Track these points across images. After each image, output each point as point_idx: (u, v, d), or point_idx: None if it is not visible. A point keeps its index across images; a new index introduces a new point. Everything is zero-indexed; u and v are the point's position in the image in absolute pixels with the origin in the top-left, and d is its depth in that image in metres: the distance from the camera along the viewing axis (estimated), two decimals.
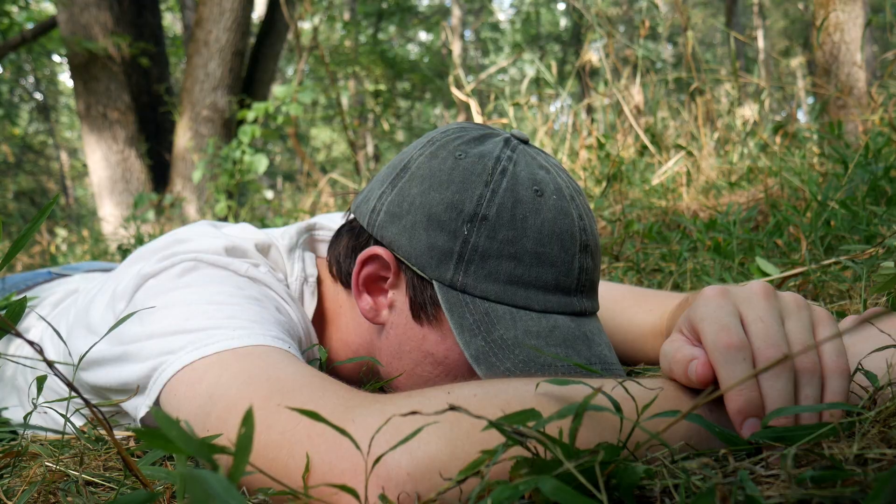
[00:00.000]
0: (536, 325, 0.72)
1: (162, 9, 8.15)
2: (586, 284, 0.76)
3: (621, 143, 3.18)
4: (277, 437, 0.56)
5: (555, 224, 0.74)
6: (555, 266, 0.74)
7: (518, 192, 0.74)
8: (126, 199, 5.50)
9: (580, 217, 0.77)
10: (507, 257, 0.73)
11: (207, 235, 0.85)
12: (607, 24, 3.41)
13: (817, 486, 0.43)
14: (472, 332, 0.72)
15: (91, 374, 0.80)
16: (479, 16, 21.77)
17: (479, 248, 0.73)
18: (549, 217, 0.74)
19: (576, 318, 0.75)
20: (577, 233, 0.76)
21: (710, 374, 0.57)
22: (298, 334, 0.85)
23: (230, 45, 5.37)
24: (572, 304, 0.75)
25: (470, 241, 0.73)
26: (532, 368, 0.69)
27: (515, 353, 0.70)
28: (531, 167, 0.77)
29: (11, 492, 0.67)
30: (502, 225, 0.73)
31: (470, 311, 0.73)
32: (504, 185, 0.75)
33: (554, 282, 0.74)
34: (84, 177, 17.09)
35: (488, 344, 0.71)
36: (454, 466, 0.49)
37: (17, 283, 1.34)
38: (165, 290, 0.77)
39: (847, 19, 2.51)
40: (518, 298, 0.73)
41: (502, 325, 0.72)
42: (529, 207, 0.74)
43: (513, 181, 0.75)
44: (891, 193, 1.45)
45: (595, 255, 0.78)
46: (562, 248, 0.74)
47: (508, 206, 0.74)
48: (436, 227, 0.74)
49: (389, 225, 0.78)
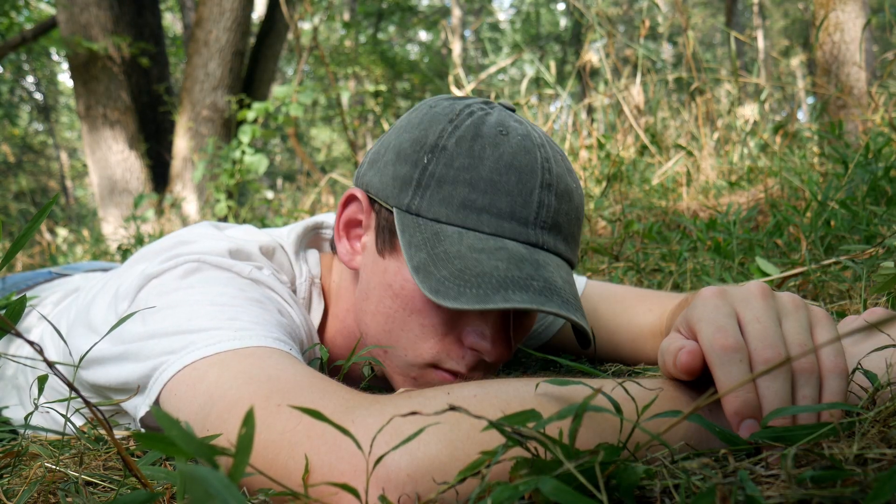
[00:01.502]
0: (482, 244, 0.73)
1: (162, 9, 8.15)
2: (547, 221, 0.76)
3: (621, 143, 3.18)
4: (277, 438, 0.56)
5: (514, 158, 0.75)
6: (510, 195, 0.74)
7: (481, 129, 0.77)
8: (126, 199, 5.50)
9: (546, 160, 0.77)
10: (462, 183, 0.75)
11: (211, 237, 0.85)
12: (607, 24, 3.41)
13: (817, 486, 0.43)
14: (417, 247, 0.74)
15: (91, 372, 0.80)
16: (479, 16, 21.77)
17: (436, 174, 0.76)
18: (509, 151, 0.76)
19: (530, 247, 0.75)
20: (539, 170, 0.76)
21: (693, 363, 0.57)
22: (300, 336, 0.85)
23: (230, 45, 5.37)
24: (527, 234, 0.75)
25: (428, 169, 0.76)
26: (467, 276, 0.69)
27: (454, 264, 0.71)
28: (503, 116, 0.80)
29: (11, 492, 0.67)
30: (460, 154, 0.76)
31: (420, 230, 0.75)
32: (468, 122, 0.78)
33: (509, 210, 0.74)
34: (84, 177, 17.09)
35: (430, 256, 0.72)
36: (454, 467, 0.49)
37: (18, 282, 1.34)
38: (168, 291, 0.77)
39: (847, 19, 2.51)
40: (469, 221, 0.74)
41: (449, 241, 0.73)
42: (490, 141, 0.76)
43: (478, 121, 0.78)
44: (891, 193, 1.45)
45: (562, 199, 0.77)
46: (519, 180, 0.75)
47: (468, 137, 0.77)
48: (402, 161, 0.79)
49: (368, 170, 0.84)
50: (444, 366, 0.79)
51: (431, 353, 0.78)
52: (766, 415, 0.53)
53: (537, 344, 1.09)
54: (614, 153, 2.92)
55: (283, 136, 13.07)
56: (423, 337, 0.78)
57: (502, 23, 23.18)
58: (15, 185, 13.59)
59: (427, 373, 0.80)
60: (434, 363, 0.79)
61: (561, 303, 0.70)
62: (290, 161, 17.67)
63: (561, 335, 1.07)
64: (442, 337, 0.77)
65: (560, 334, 1.07)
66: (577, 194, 0.81)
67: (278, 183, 16.45)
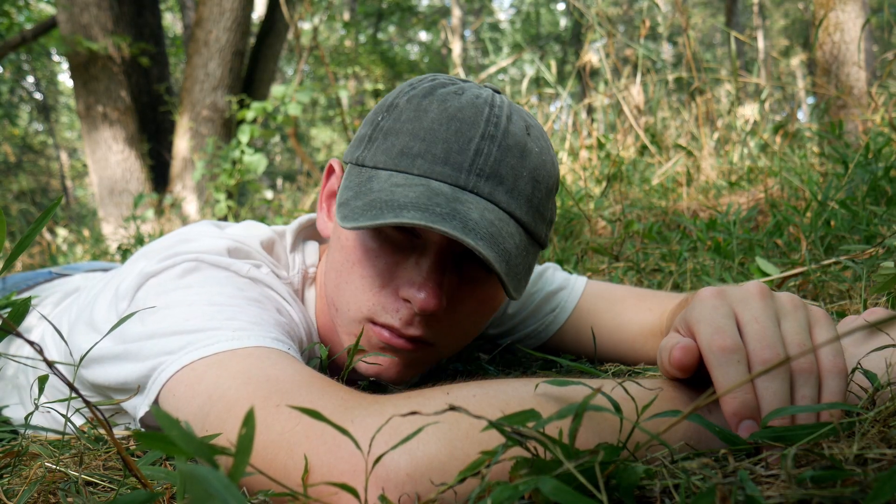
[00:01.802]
0: (406, 181, 0.73)
1: (162, 9, 8.15)
2: (485, 169, 0.74)
3: (621, 143, 3.18)
4: (276, 438, 0.56)
5: (459, 111, 0.76)
6: (447, 142, 0.75)
7: (436, 90, 0.79)
8: (126, 199, 5.50)
9: (496, 117, 0.77)
10: (405, 133, 0.76)
11: (211, 236, 0.85)
12: (607, 24, 3.41)
13: (817, 486, 0.43)
14: (348, 188, 0.77)
15: (91, 371, 0.80)
16: (479, 16, 21.77)
17: (384, 128, 0.79)
18: (456, 106, 0.77)
19: (456, 188, 0.74)
20: (483, 123, 0.76)
21: (685, 360, 0.57)
22: (299, 335, 0.85)
23: (230, 45, 5.37)
24: (458, 177, 0.74)
25: (379, 125, 0.80)
26: (377, 204, 0.70)
27: (371, 196, 0.72)
28: (472, 86, 0.81)
29: (11, 492, 0.67)
30: (408, 109, 0.78)
31: (357, 176, 0.78)
32: (426, 85, 0.80)
33: (443, 155, 0.74)
34: (84, 177, 17.09)
35: (355, 194, 0.74)
36: (453, 467, 0.49)
37: (18, 282, 1.34)
38: (166, 290, 0.77)
39: (847, 19, 2.51)
40: (402, 165, 0.75)
41: (376, 181, 0.75)
42: (440, 98, 0.78)
43: (438, 85, 0.80)
44: (891, 193, 1.45)
45: (509, 152, 0.76)
46: (458, 130, 0.75)
47: (419, 96, 0.79)
48: (366, 123, 0.83)
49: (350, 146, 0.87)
50: (379, 320, 0.78)
51: (368, 305, 0.78)
52: (764, 415, 0.53)
53: (537, 343, 1.09)
54: (614, 153, 2.92)
55: (283, 136, 13.07)
56: (363, 289, 0.79)
57: (502, 23, 23.17)
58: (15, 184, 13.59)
59: (366, 329, 0.80)
60: (370, 317, 0.79)
61: (462, 228, 0.68)
62: (290, 161, 17.67)
63: (561, 335, 1.07)
64: (379, 290, 0.78)
65: (560, 334, 1.07)
66: (539, 159, 0.78)
67: (278, 183, 16.45)
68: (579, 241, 2.14)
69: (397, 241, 0.78)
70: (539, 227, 0.80)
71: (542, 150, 0.80)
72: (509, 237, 0.73)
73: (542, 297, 1.07)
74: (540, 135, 0.81)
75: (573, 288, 1.07)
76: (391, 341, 0.78)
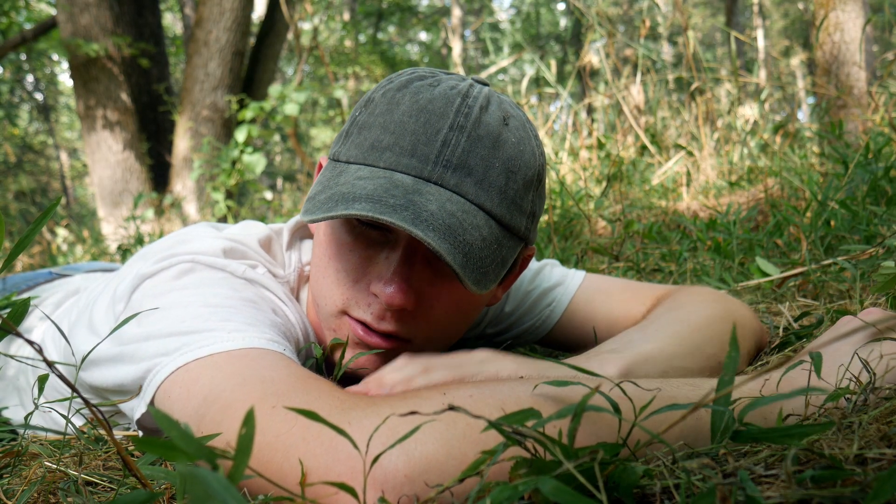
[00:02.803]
0: (370, 174, 0.73)
1: (162, 9, 8.15)
2: (451, 160, 0.73)
3: (621, 143, 3.18)
4: (272, 441, 0.55)
5: (429, 103, 0.76)
6: (415, 135, 0.75)
7: (411, 83, 0.79)
8: (126, 199, 5.49)
9: (468, 107, 0.75)
10: (377, 127, 0.77)
11: (207, 237, 0.85)
12: (607, 24, 3.41)
13: (817, 486, 0.43)
14: (319, 183, 0.77)
15: (88, 373, 0.80)
16: (479, 16, 21.76)
17: (360, 122, 0.79)
18: (427, 97, 0.76)
19: (420, 181, 0.73)
20: (453, 114, 0.75)
21: None
22: (295, 335, 0.85)
23: (230, 45, 5.37)
24: (423, 169, 0.73)
25: (356, 119, 0.80)
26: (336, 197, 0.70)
27: (334, 189, 0.72)
28: (457, 81, 0.80)
29: (11, 492, 0.67)
30: (382, 103, 0.78)
31: (331, 171, 0.78)
32: (403, 78, 0.80)
33: (411, 147, 0.74)
34: (84, 177, 17.09)
35: (322, 188, 0.75)
36: (451, 467, 0.49)
37: (18, 283, 1.34)
38: (162, 292, 0.77)
39: (847, 19, 2.51)
40: (370, 159, 0.75)
41: (344, 175, 0.75)
42: (413, 91, 0.77)
43: (414, 78, 0.80)
44: (891, 193, 1.45)
45: (480, 142, 0.75)
46: (427, 121, 0.75)
47: (394, 89, 0.79)
48: (349, 119, 0.83)
49: None
50: (352, 313, 0.79)
51: (342, 299, 0.79)
52: None
53: (535, 339, 1.09)
54: (614, 153, 2.92)
55: (283, 136, 13.06)
56: (337, 283, 0.79)
57: (502, 23, 23.16)
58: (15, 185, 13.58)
59: (342, 322, 0.81)
60: (344, 310, 0.80)
61: (412, 220, 0.67)
62: (290, 161, 17.66)
63: (558, 330, 1.07)
64: (353, 284, 0.78)
65: (557, 329, 1.07)
66: (516, 150, 0.77)
67: (278, 183, 16.45)
68: (579, 241, 2.14)
69: (371, 236, 0.78)
70: (517, 220, 0.78)
71: (520, 140, 0.78)
72: (473, 229, 0.72)
73: (538, 293, 1.06)
74: (521, 126, 0.79)
75: (569, 283, 1.07)
76: (365, 339, 0.79)
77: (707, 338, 0.82)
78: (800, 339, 0.96)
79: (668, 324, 0.83)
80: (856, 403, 0.59)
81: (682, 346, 0.79)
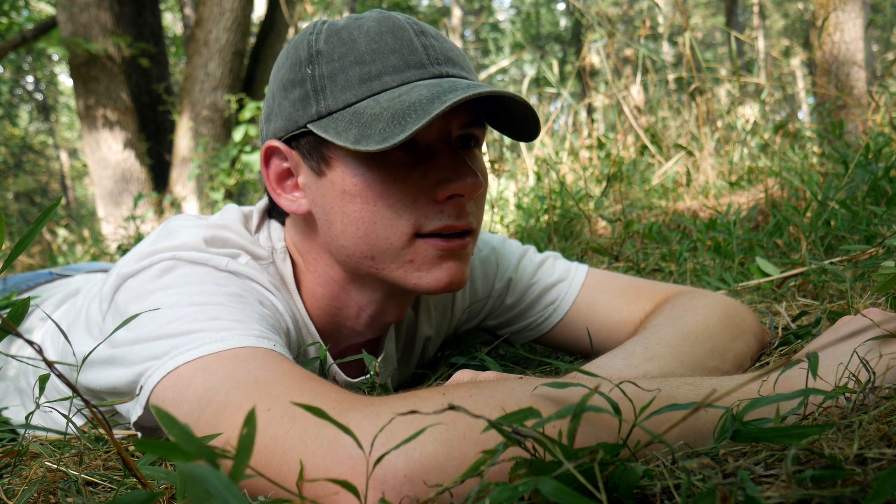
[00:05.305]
0: (396, 93, 0.75)
1: (162, 9, 8.15)
2: (440, 57, 0.79)
3: (621, 143, 3.18)
4: (269, 443, 0.55)
5: (380, 25, 0.79)
6: (395, 52, 0.77)
7: (337, 25, 0.82)
8: (126, 200, 5.49)
9: (407, 20, 0.81)
10: (350, 65, 0.77)
11: (189, 227, 0.84)
12: (607, 24, 3.41)
13: (817, 486, 0.43)
14: (346, 131, 0.75)
15: (83, 375, 0.80)
16: (479, 16, 21.76)
17: (325, 74, 0.78)
18: (373, 24, 0.80)
19: (438, 78, 0.78)
20: (407, 24, 0.80)
21: None
22: (286, 323, 0.83)
23: (230, 45, 5.36)
24: (429, 71, 0.78)
25: (315, 75, 0.79)
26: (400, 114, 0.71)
27: (384, 117, 0.72)
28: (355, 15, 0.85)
29: (11, 492, 0.67)
30: (337, 46, 0.79)
31: (340, 120, 0.77)
32: (325, 27, 0.82)
33: (402, 62, 0.77)
34: (84, 177, 17.09)
35: (360, 128, 0.74)
36: (451, 467, 0.49)
37: (18, 283, 1.34)
38: (146, 292, 0.76)
39: (847, 19, 2.51)
40: (374, 88, 0.76)
41: (368, 109, 0.75)
42: (352, 27, 0.80)
43: (332, 22, 0.83)
44: (891, 193, 1.45)
45: (441, 39, 0.82)
46: (394, 37, 0.78)
47: (333, 33, 0.80)
48: (291, 89, 0.81)
49: (267, 124, 0.86)
50: (426, 229, 0.79)
51: (410, 223, 0.79)
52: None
53: (535, 335, 1.08)
54: (614, 153, 2.92)
55: None
56: (397, 214, 0.78)
57: (502, 23, 23.16)
58: (15, 185, 13.58)
59: (418, 247, 0.80)
60: (417, 230, 0.79)
61: (490, 89, 0.72)
62: None
63: (560, 329, 1.06)
64: (412, 204, 0.78)
65: (559, 328, 1.06)
66: (444, 37, 0.84)
67: None
68: (579, 241, 2.14)
69: (399, 160, 0.78)
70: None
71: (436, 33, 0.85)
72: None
73: (540, 288, 1.05)
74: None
75: (573, 280, 1.05)
76: (448, 246, 0.80)
77: (708, 351, 0.82)
78: (798, 339, 0.96)
79: (670, 337, 0.82)
80: (855, 403, 0.59)
81: (684, 363, 0.78)
